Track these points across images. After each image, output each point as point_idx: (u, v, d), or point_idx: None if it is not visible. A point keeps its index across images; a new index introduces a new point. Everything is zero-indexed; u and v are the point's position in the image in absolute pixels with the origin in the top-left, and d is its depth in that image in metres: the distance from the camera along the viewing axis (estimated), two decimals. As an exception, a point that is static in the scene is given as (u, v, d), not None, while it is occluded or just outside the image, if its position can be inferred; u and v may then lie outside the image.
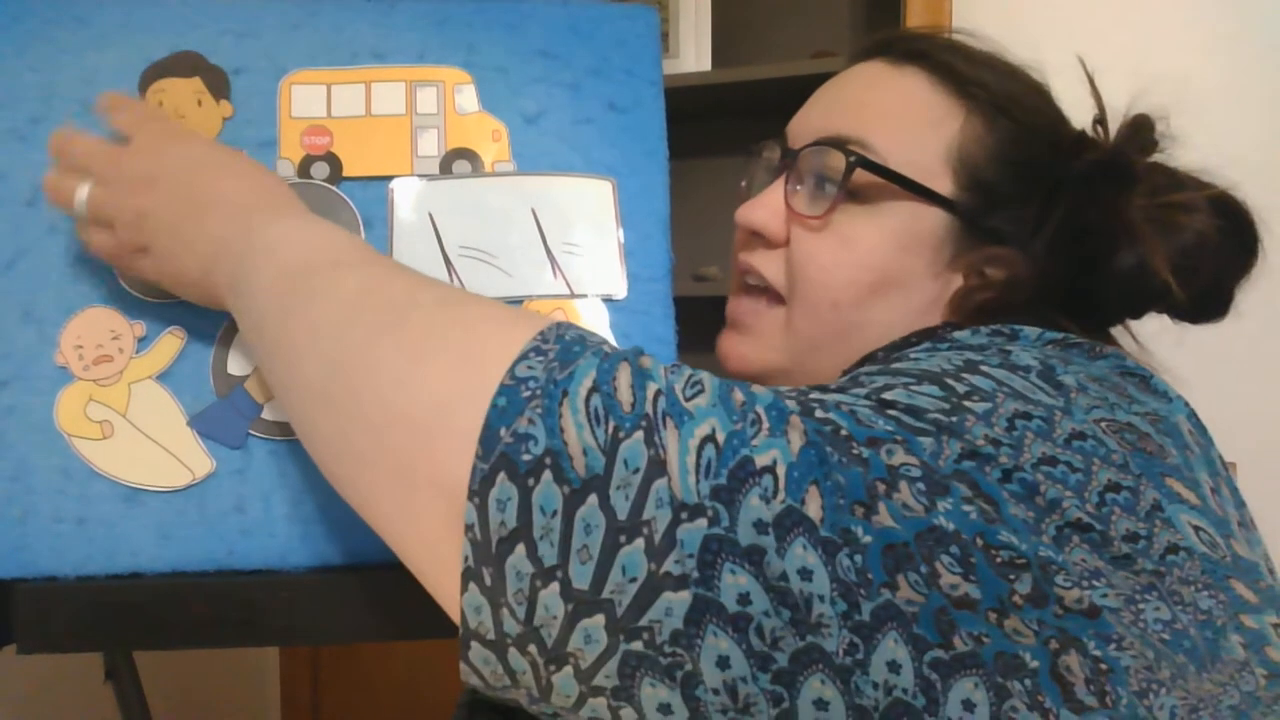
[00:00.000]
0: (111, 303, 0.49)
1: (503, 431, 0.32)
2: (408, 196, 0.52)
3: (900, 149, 0.53)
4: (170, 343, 0.49)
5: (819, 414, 0.34)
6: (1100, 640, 0.32)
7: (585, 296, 0.51)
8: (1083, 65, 0.56)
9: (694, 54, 1.57)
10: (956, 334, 0.46)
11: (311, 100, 0.52)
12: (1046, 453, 0.35)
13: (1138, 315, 0.55)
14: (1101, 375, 0.41)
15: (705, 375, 0.35)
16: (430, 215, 0.52)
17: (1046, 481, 0.34)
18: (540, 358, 0.33)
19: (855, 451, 0.33)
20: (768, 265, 0.57)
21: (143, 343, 0.49)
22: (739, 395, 0.34)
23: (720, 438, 0.32)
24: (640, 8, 0.56)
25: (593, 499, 0.31)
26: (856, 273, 0.53)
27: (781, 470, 0.31)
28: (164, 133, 0.47)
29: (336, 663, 1.96)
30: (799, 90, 0.63)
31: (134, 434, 0.47)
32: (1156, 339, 0.57)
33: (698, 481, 0.31)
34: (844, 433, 0.33)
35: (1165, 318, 0.56)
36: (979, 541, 0.32)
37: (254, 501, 0.47)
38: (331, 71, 0.53)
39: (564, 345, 0.34)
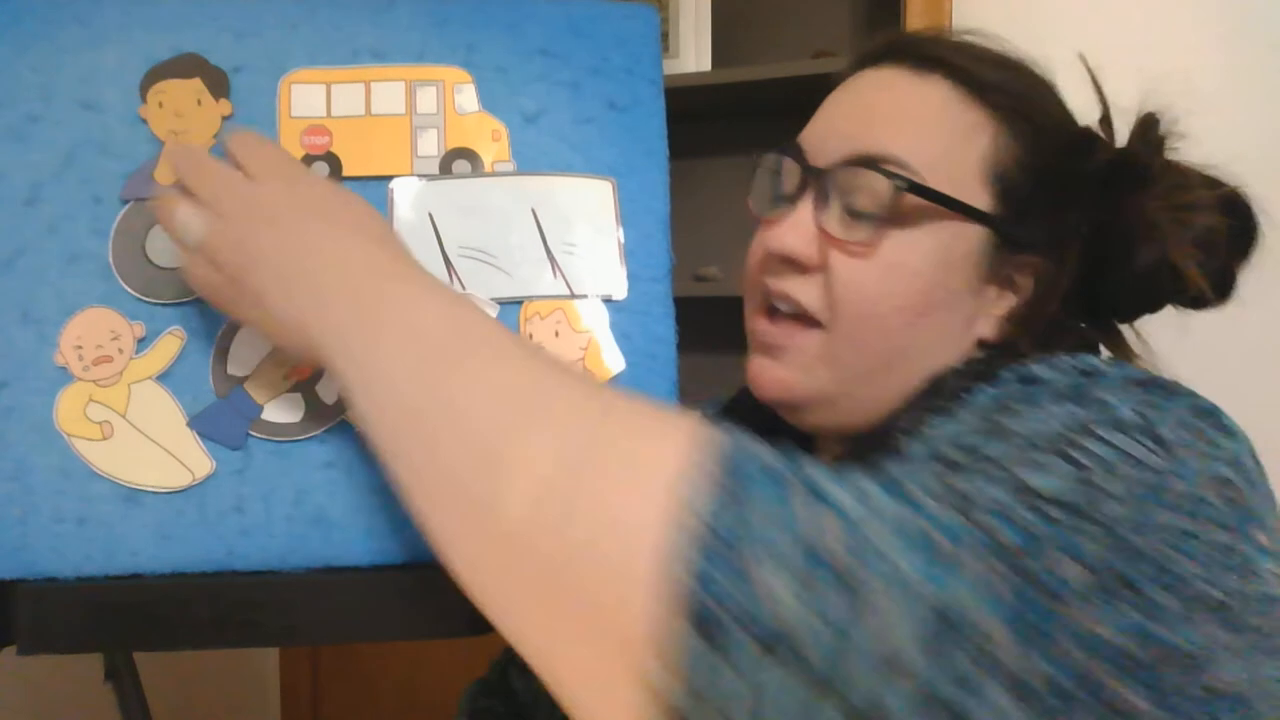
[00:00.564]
0: (111, 303, 0.49)
1: (687, 579, 0.30)
2: (407, 196, 0.52)
3: (938, 166, 0.52)
4: (170, 343, 0.49)
5: (978, 517, 0.34)
6: (1241, 718, 0.34)
7: (585, 296, 0.51)
8: (1085, 64, 0.56)
9: (694, 54, 1.57)
10: (1035, 369, 0.46)
11: (311, 99, 0.52)
12: (1168, 522, 0.36)
13: (1156, 309, 0.55)
14: (1187, 422, 0.40)
15: (869, 485, 0.34)
16: (430, 215, 0.52)
17: (1174, 555, 0.35)
18: (712, 486, 0.32)
19: (1029, 571, 0.33)
20: (803, 292, 0.55)
21: (143, 343, 0.49)
22: (914, 521, 0.33)
23: (915, 580, 0.31)
24: (640, 7, 0.56)
25: (787, 655, 0.30)
26: (905, 300, 0.52)
27: (975, 613, 0.32)
28: (291, 175, 0.45)
29: (336, 663, 1.96)
30: (799, 90, 0.63)
31: (134, 434, 0.47)
32: (1158, 336, 0.57)
33: (904, 638, 0.31)
34: (1014, 547, 0.33)
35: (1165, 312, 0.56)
36: (1138, 644, 0.33)
37: (254, 502, 0.47)
38: (331, 71, 0.53)
39: (731, 469, 0.33)
